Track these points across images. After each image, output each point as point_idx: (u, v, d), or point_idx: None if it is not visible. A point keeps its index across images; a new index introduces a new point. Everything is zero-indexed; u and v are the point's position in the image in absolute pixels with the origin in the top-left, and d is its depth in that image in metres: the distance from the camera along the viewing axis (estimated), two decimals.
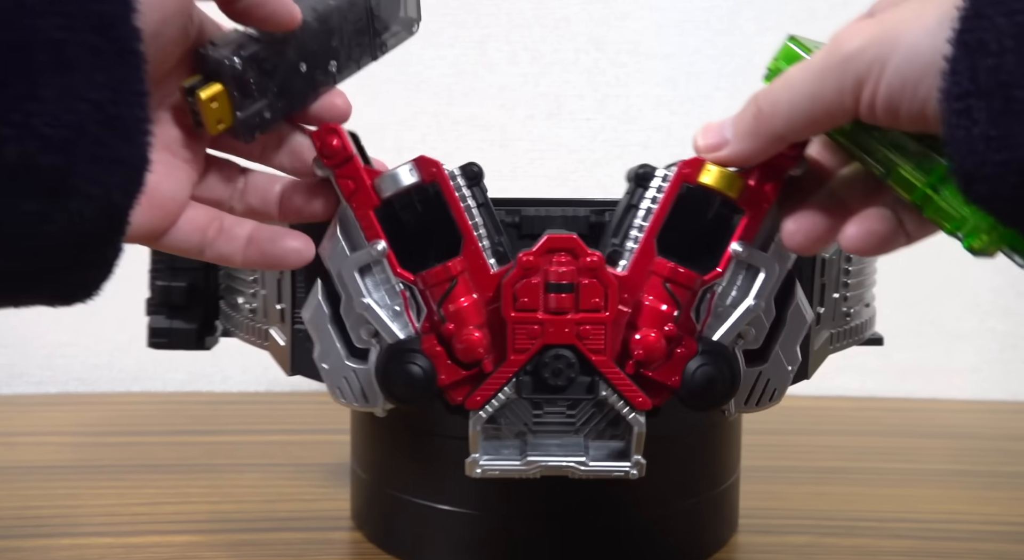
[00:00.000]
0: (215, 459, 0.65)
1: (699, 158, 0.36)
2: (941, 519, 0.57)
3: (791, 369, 0.40)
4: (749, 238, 0.38)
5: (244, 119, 0.35)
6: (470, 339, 0.37)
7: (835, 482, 0.63)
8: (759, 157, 0.34)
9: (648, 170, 0.38)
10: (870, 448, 0.70)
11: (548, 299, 0.37)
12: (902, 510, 0.58)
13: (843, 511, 0.57)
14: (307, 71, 0.36)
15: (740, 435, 0.52)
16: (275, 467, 0.64)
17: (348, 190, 0.37)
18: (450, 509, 0.47)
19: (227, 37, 0.35)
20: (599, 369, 0.38)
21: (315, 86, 0.37)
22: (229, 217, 0.37)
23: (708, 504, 0.50)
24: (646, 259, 0.38)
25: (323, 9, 0.37)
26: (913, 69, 0.28)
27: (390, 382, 0.38)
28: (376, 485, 0.51)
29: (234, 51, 0.34)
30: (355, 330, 0.39)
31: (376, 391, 0.39)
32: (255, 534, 0.53)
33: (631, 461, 0.39)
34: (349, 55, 0.38)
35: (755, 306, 0.38)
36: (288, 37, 0.35)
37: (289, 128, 0.38)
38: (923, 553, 0.52)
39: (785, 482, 0.62)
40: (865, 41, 0.30)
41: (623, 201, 0.39)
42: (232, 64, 0.34)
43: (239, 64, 0.34)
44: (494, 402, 0.38)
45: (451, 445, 0.42)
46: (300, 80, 0.36)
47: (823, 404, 0.82)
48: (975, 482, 0.63)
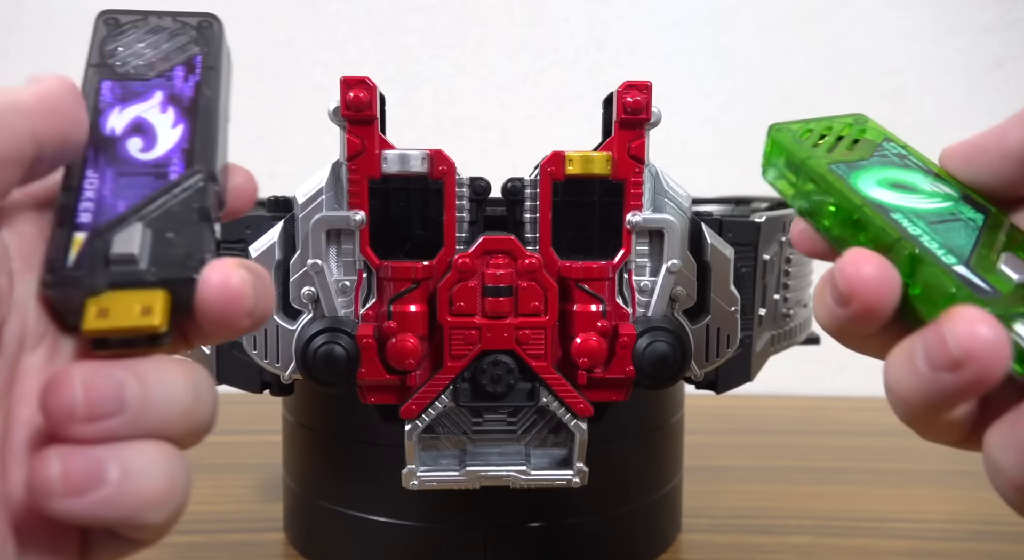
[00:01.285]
0: (217, 459, 0.65)
1: (559, 153, 0.36)
2: (941, 519, 0.56)
3: (734, 310, 0.40)
4: (638, 206, 0.37)
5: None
6: (404, 344, 0.36)
7: (835, 482, 0.63)
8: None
9: (516, 184, 0.37)
10: (870, 448, 0.70)
11: (485, 303, 0.36)
12: (902, 510, 0.58)
13: (843, 511, 0.57)
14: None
15: (682, 437, 0.53)
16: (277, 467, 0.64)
17: (353, 149, 0.36)
18: (385, 521, 0.46)
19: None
20: (539, 375, 0.37)
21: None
22: None
23: (651, 507, 0.50)
24: (551, 269, 0.37)
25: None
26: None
27: (309, 353, 0.36)
28: (307, 497, 0.50)
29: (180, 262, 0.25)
30: (296, 287, 0.37)
31: (291, 355, 0.37)
32: (255, 535, 0.53)
33: (574, 469, 0.38)
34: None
35: (673, 266, 0.38)
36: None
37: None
38: (923, 553, 0.52)
39: (785, 482, 0.62)
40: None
41: (509, 220, 0.39)
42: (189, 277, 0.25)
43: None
44: (430, 411, 0.37)
45: (385, 455, 0.41)
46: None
47: (823, 404, 0.82)
48: (975, 482, 0.63)
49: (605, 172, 0.37)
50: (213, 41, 0.30)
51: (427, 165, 0.36)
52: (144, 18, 0.30)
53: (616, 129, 0.36)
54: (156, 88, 0.29)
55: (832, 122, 0.33)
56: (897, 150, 0.32)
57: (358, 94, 0.35)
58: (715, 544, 0.53)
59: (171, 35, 0.30)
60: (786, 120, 0.34)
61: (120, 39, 0.29)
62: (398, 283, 0.36)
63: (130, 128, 0.28)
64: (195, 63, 0.29)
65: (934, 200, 0.30)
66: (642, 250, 0.38)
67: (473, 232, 0.38)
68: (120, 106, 0.28)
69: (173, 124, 0.28)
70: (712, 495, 0.60)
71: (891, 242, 0.28)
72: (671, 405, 0.51)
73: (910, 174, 0.31)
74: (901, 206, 0.29)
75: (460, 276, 0.36)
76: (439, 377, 0.37)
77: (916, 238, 0.28)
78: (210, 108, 0.28)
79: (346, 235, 0.37)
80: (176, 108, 0.28)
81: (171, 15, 0.30)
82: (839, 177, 0.30)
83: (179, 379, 0.24)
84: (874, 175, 0.31)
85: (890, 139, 0.33)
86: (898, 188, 0.30)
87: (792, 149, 0.32)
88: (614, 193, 0.37)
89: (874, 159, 0.32)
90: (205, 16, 0.30)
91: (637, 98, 0.36)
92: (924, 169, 0.31)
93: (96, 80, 0.29)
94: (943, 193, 0.30)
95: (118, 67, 0.29)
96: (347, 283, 0.37)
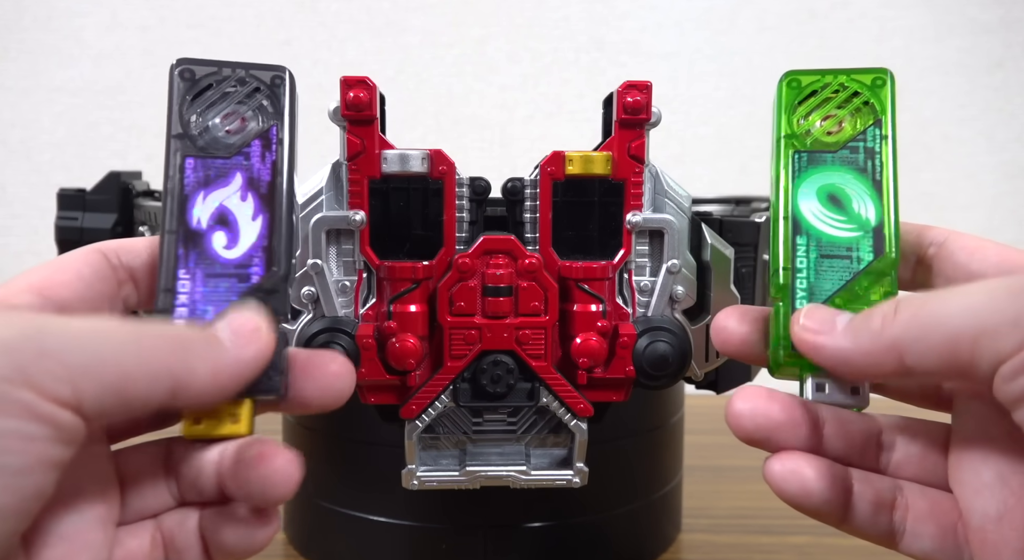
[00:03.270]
0: None
1: (559, 152, 0.36)
2: None
3: None
4: (638, 206, 0.37)
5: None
6: (404, 344, 0.35)
7: None
8: (863, 365, 0.27)
9: (516, 184, 0.37)
10: None
11: (485, 303, 0.36)
12: None
13: None
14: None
15: (682, 437, 0.53)
16: None
17: (353, 149, 0.36)
18: (385, 521, 0.46)
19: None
20: (539, 375, 0.37)
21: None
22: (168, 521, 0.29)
23: (651, 507, 0.50)
24: (551, 269, 0.37)
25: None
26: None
27: (313, 350, 0.35)
28: (307, 496, 0.49)
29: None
30: (296, 287, 0.37)
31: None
32: None
33: (574, 469, 0.38)
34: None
35: (673, 266, 0.37)
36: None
37: None
38: None
39: None
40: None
41: (509, 220, 0.38)
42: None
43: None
44: (430, 411, 0.37)
45: (385, 455, 0.41)
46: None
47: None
48: None
49: (605, 172, 0.37)
50: (285, 102, 0.31)
51: (427, 165, 0.36)
52: (218, 71, 0.31)
53: (616, 129, 0.36)
54: (236, 170, 0.31)
55: (849, 79, 0.33)
56: (876, 140, 0.33)
57: (358, 94, 0.35)
58: (715, 544, 0.53)
59: (247, 96, 0.31)
60: (803, 69, 0.34)
61: (198, 104, 0.31)
62: (398, 283, 0.36)
63: (214, 220, 0.30)
64: (271, 137, 0.31)
65: (848, 227, 0.32)
66: (642, 250, 0.38)
67: (473, 232, 0.38)
68: (204, 192, 0.30)
69: (253, 216, 0.30)
70: (712, 495, 0.60)
71: (777, 267, 0.31)
72: (671, 405, 0.51)
73: (856, 184, 0.32)
74: (812, 229, 0.32)
75: (460, 276, 0.36)
76: (439, 377, 0.37)
77: (795, 273, 0.31)
78: (285, 194, 0.30)
79: (346, 235, 0.37)
80: (255, 195, 0.30)
81: (244, 68, 0.31)
82: (788, 176, 0.32)
83: None
84: (823, 178, 0.32)
85: (886, 118, 0.33)
86: (830, 203, 0.32)
87: (781, 117, 0.33)
88: (614, 193, 0.37)
89: (842, 153, 0.33)
90: (277, 71, 0.32)
91: (637, 98, 0.36)
92: (874, 179, 0.32)
93: (180, 157, 0.30)
94: (863, 219, 0.32)
95: (199, 140, 0.30)
96: (347, 283, 0.37)
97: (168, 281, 0.29)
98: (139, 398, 0.24)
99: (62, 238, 0.52)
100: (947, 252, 0.31)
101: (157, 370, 0.24)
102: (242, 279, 0.29)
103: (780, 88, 0.34)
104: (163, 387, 0.24)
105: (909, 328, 0.26)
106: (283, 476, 0.26)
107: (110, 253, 0.29)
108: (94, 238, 0.53)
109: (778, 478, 0.28)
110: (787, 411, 0.29)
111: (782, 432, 0.29)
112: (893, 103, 0.33)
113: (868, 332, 0.27)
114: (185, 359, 0.25)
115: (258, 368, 0.27)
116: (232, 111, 0.31)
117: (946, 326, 0.25)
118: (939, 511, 0.29)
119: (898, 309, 0.27)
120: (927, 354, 0.25)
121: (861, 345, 0.27)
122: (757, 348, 0.31)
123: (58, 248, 0.53)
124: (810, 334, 0.28)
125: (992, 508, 0.27)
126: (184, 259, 0.29)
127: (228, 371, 0.26)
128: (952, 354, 0.25)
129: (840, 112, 0.33)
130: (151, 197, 0.54)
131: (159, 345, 0.24)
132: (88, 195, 0.53)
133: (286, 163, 0.31)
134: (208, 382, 0.25)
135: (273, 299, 0.29)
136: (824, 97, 0.33)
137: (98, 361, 0.23)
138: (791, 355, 0.30)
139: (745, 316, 0.32)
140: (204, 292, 0.29)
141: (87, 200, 0.53)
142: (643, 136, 0.36)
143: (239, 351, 0.26)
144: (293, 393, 0.29)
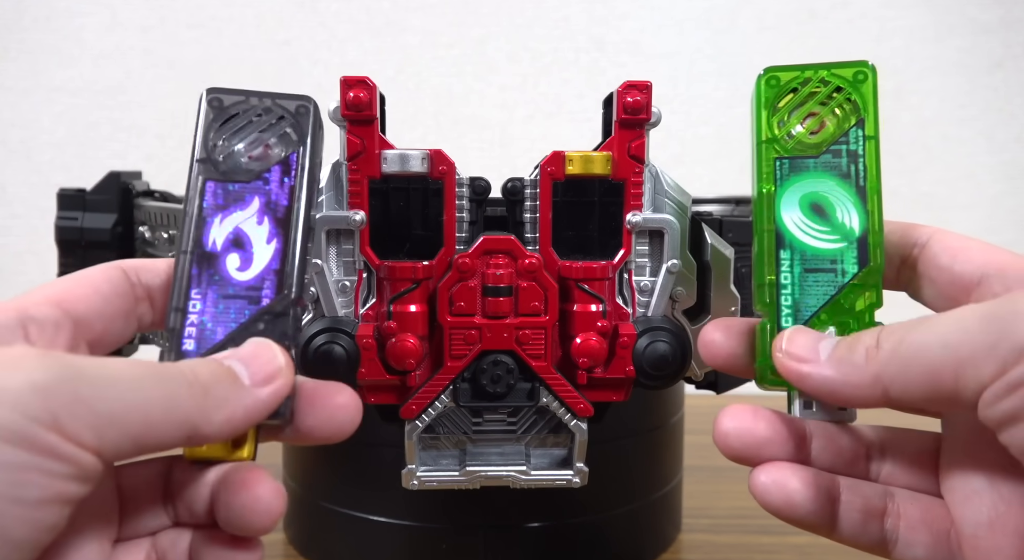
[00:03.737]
0: None
1: (559, 152, 0.36)
2: None
3: (734, 310, 0.39)
4: (638, 206, 0.37)
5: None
6: (404, 344, 0.35)
7: None
8: (847, 395, 0.28)
9: (516, 184, 0.37)
10: None
11: (486, 303, 0.36)
12: None
13: None
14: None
15: (682, 437, 0.53)
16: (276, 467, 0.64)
17: (353, 149, 0.36)
18: (385, 521, 0.46)
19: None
20: (539, 375, 0.37)
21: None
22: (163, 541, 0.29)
23: (651, 507, 0.50)
24: (551, 269, 0.37)
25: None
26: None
27: (309, 353, 0.35)
28: (307, 496, 0.49)
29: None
30: None
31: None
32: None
33: (574, 469, 0.38)
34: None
35: (673, 266, 0.37)
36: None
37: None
38: None
39: None
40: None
41: (509, 220, 0.39)
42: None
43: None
44: (430, 411, 0.37)
45: (385, 455, 0.41)
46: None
47: None
48: None
49: (605, 172, 0.37)
50: (308, 131, 0.32)
51: (427, 165, 0.36)
52: (246, 99, 0.32)
53: (616, 129, 0.36)
54: (254, 193, 0.31)
55: (830, 74, 0.32)
56: (859, 142, 0.32)
57: (358, 94, 0.35)
58: (715, 544, 0.53)
59: (271, 125, 0.32)
60: (781, 65, 0.33)
61: (224, 131, 0.31)
62: (398, 283, 0.36)
63: (230, 242, 0.30)
64: (291, 163, 0.31)
65: (832, 238, 0.31)
66: (642, 250, 0.38)
67: (473, 232, 0.38)
68: (221, 215, 0.31)
69: (268, 239, 0.31)
70: (712, 495, 0.60)
71: (762, 282, 0.31)
72: (671, 405, 0.51)
73: (839, 192, 0.32)
74: (796, 241, 0.31)
75: (460, 276, 0.36)
76: (439, 377, 0.37)
77: (780, 290, 0.31)
78: (300, 220, 0.31)
79: (346, 235, 0.37)
80: (271, 219, 0.31)
81: (271, 97, 0.32)
82: (771, 185, 0.32)
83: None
84: (805, 186, 0.32)
85: (869, 116, 0.32)
86: (813, 213, 0.32)
87: (761, 118, 0.32)
88: (614, 193, 0.37)
89: (824, 158, 0.32)
90: (303, 101, 0.32)
91: (637, 98, 0.36)
92: (857, 186, 0.32)
93: (201, 181, 0.31)
94: (847, 229, 0.31)
95: (221, 164, 0.31)
96: (347, 283, 0.37)
97: (180, 300, 0.29)
98: (155, 444, 0.24)
99: (62, 238, 0.52)
100: (931, 253, 0.31)
101: (177, 419, 0.24)
102: (253, 301, 0.30)
103: (759, 86, 0.32)
104: (180, 434, 0.24)
105: (890, 363, 0.26)
106: (264, 505, 0.26)
107: (130, 271, 0.30)
108: (94, 238, 0.53)
109: (761, 489, 0.29)
110: (772, 428, 0.29)
111: (768, 449, 0.29)
112: (875, 99, 0.32)
113: (852, 365, 0.27)
114: (204, 407, 0.25)
115: (275, 406, 0.27)
116: (256, 139, 0.32)
117: (926, 360, 0.26)
118: (931, 518, 0.29)
119: (880, 342, 0.27)
120: (910, 387, 0.26)
121: (846, 377, 0.27)
122: (743, 361, 0.32)
123: (58, 248, 0.53)
124: (794, 362, 0.29)
125: (983, 515, 0.27)
126: (197, 279, 0.30)
127: (243, 414, 0.26)
128: (935, 386, 0.25)
129: (822, 110, 0.32)
130: (151, 197, 0.54)
131: (183, 394, 0.25)
132: (88, 195, 0.53)
133: (304, 189, 0.31)
134: (222, 427, 0.25)
135: (282, 322, 0.30)
136: (805, 94, 0.32)
137: (126, 411, 0.23)
138: (777, 375, 0.30)
139: (731, 329, 0.32)
140: (215, 313, 0.29)
141: (87, 200, 0.53)
142: (643, 136, 0.36)
143: (258, 391, 0.26)
144: (296, 423, 0.29)
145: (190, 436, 0.25)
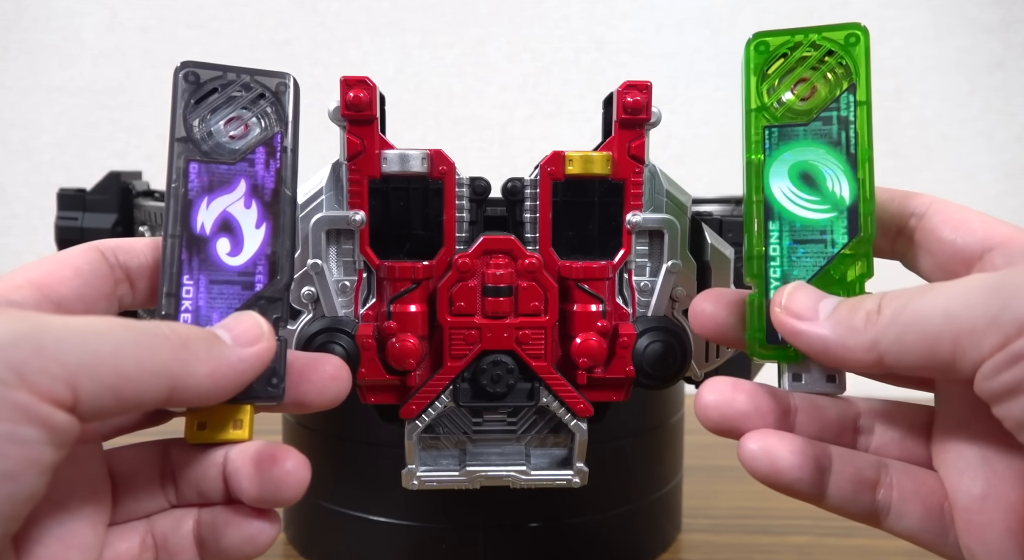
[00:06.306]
0: None
1: (559, 152, 0.36)
2: None
3: None
4: (638, 206, 0.37)
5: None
6: (404, 344, 0.35)
7: None
8: (842, 357, 0.27)
9: (516, 184, 0.37)
10: None
11: (485, 303, 0.36)
12: None
13: None
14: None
15: (682, 437, 0.53)
16: None
17: (353, 149, 0.36)
18: (385, 521, 0.46)
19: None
20: (539, 375, 0.37)
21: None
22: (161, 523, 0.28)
23: (651, 507, 0.50)
24: (551, 269, 0.37)
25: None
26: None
27: (310, 353, 0.35)
28: (307, 496, 0.49)
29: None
30: (296, 287, 0.37)
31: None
32: None
33: (574, 469, 0.38)
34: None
35: (673, 266, 0.37)
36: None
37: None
38: (923, 553, 0.51)
39: None
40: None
41: (509, 220, 0.39)
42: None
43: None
44: (430, 411, 0.37)
45: (385, 455, 0.41)
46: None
47: None
48: None
49: (605, 172, 0.37)
50: (289, 110, 0.32)
51: (427, 165, 0.36)
52: (223, 75, 0.31)
53: (616, 129, 0.36)
54: (240, 176, 0.31)
55: (821, 37, 0.32)
56: (851, 108, 0.31)
57: (358, 94, 0.35)
58: (715, 544, 0.53)
59: (251, 102, 0.31)
60: (771, 29, 0.32)
61: (202, 108, 0.31)
62: (398, 283, 0.36)
63: (218, 226, 0.30)
64: (275, 144, 0.31)
65: (822, 208, 0.31)
66: (642, 250, 0.38)
67: (473, 232, 0.38)
68: (208, 198, 0.30)
69: (257, 223, 0.30)
70: (712, 495, 0.60)
71: (751, 254, 0.31)
72: (671, 405, 0.51)
73: (830, 159, 0.31)
74: (785, 212, 0.31)
75: (460, 276, 0.36)
76: (439, 377, 0.37)
77: (768, 261, 0.31)
78: (288, 202, 0.31)
79: (346, 235, 0.37)
80: (259, 202, 0.31)
81: (249, 73, 0.32)
82: (760, 155, 0.31)
83: None
84: (795, 155, 0.31)
85: (860, 81, 0.31)
86: (803, 182, 0.31)
87: (751, 85, 0.32)
88: (614, 193, 0.37)
89: (815, 125, 0.31)
90: (281, 78, 0.32)
91: (637, 98, 0.36)
92: (848, 153, 0.31)
93: (184, 161, 0.30)
94: (837, 198, 0.31)
95: (203, 144, 0.31)
96: (347, 283, 0.37)
97: (172, 286, 0.29)
98: (137, 398, 0.23)
99: (62, 238, 0.52)
100: (931, 225, 0.31)
101: (156, 369, 0.24)
102: (246, 286, 0.30)
103: (748, 52, 0.32)
104: (161, 387, 0.24)
105: (889, 329, 0.26)
106: (296, 477, 0.27)
107: (108, 252, 0.30)
108: (94, 238, 0.52)
109: (748, 455, 0.28)
110: (753, 400, 0.29)
111: (748, 421, 0.29)
112: (867, 63, 0.31)
113: (850, 328, 0.27)
114: (184, 358, 0.25)
115: (259, 369, 0.27)
116: (236, 116, 0.31)
117: (926, 328, 0.25)
118: (925, 491, 0.29)
119: (881, 307, 0.27)
120: (906, 354, 0.26)
121: (842, 338, 0.27)
122: (734, 331, 0.31)
123: (58, 248, 0.53)
124: (791, 319, 0.28)
125: (977, 488, 0.27)
126: (188, 264, 0.29)
127: (228, 371, 0.26)
128: (932, 354, 0.25)
129: (813, 74, 0.31)
130: (151, 197, 0.54)
131: (158, 344, 0.24)
132: (88, 195, 0.53)
133: (290, 171, 0.31)
134: (207, 382, 0.25)
135: (275, 307, 0.30)
136: (796, 59, 0.32)
137: (96, 360, 0.23)
138: (766, 347, 0.30)
139: (721, 299, 0.32)
140: (208, 298, 0.29)
141: (87, 200, 0.53)
142: (643, 136, 0.36)
143: (241, 351, 0.26)
144: (290, 395, 0.29)
145: (173, 388, 0.24)
